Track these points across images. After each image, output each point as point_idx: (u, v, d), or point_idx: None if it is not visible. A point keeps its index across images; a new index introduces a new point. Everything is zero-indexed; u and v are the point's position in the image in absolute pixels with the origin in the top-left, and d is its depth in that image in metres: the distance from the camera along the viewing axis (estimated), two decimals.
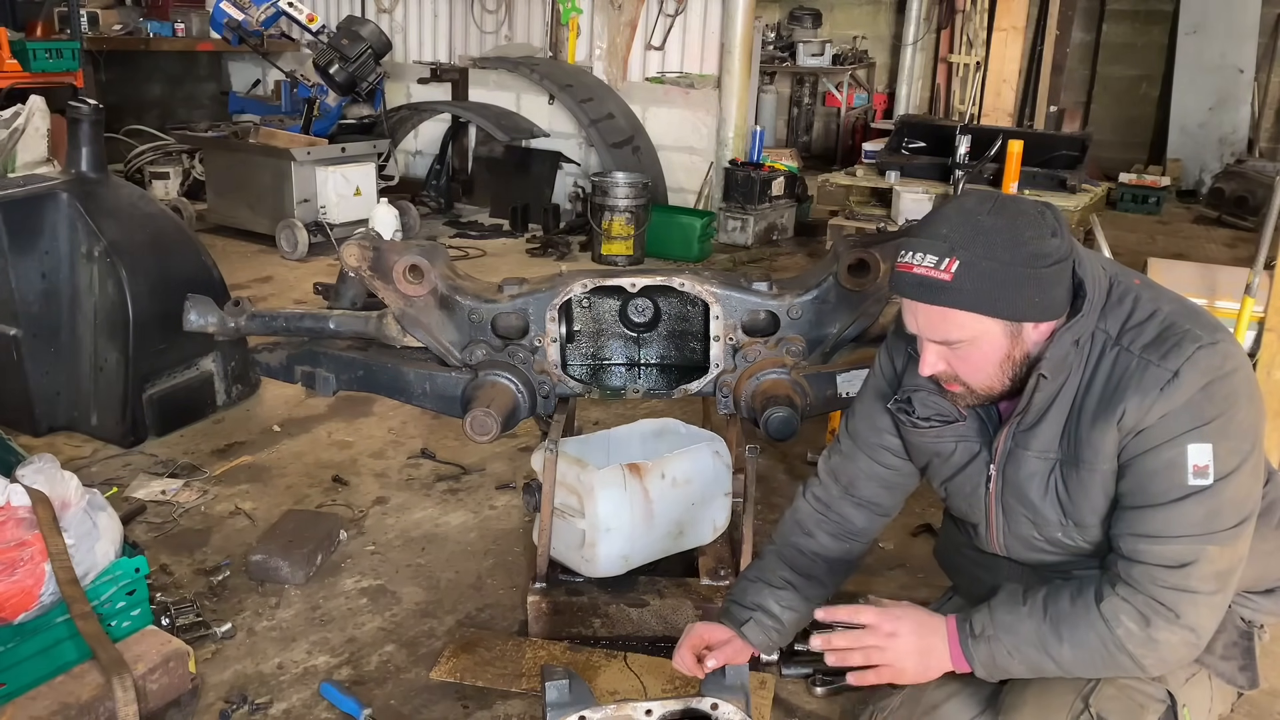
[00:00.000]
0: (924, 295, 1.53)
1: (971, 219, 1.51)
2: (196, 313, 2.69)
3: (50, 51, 6.74)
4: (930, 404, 1.74)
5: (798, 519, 1.97)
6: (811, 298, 2.52)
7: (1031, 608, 1.61)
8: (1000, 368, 1.58)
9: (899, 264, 1.54)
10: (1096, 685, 1.63)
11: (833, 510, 1.94)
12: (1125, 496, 1.56)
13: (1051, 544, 1.69)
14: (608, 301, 2.74)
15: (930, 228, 1.54)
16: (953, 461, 1.76)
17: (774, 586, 1.88)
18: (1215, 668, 1.68)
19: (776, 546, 1.96)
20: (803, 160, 9.02)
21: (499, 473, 3.54)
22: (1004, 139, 6.16)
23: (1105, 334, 1.56)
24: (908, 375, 1.79)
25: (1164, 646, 1.52)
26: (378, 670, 2.47)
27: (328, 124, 6.82)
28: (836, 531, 1.94)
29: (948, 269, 1.49)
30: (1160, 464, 1.50)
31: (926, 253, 1.51)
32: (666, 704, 1.64)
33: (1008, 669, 1.63)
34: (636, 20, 7.74)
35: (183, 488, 3.31)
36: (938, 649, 1.67)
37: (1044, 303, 1.52)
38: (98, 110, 3.74)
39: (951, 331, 1.55)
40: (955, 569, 1.99)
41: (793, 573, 1.90)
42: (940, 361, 1.60)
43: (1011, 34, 8.74)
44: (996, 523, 1.74)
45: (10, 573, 2.06)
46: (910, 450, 1.85)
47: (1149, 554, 1.52)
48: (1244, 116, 9.61)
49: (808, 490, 1.98)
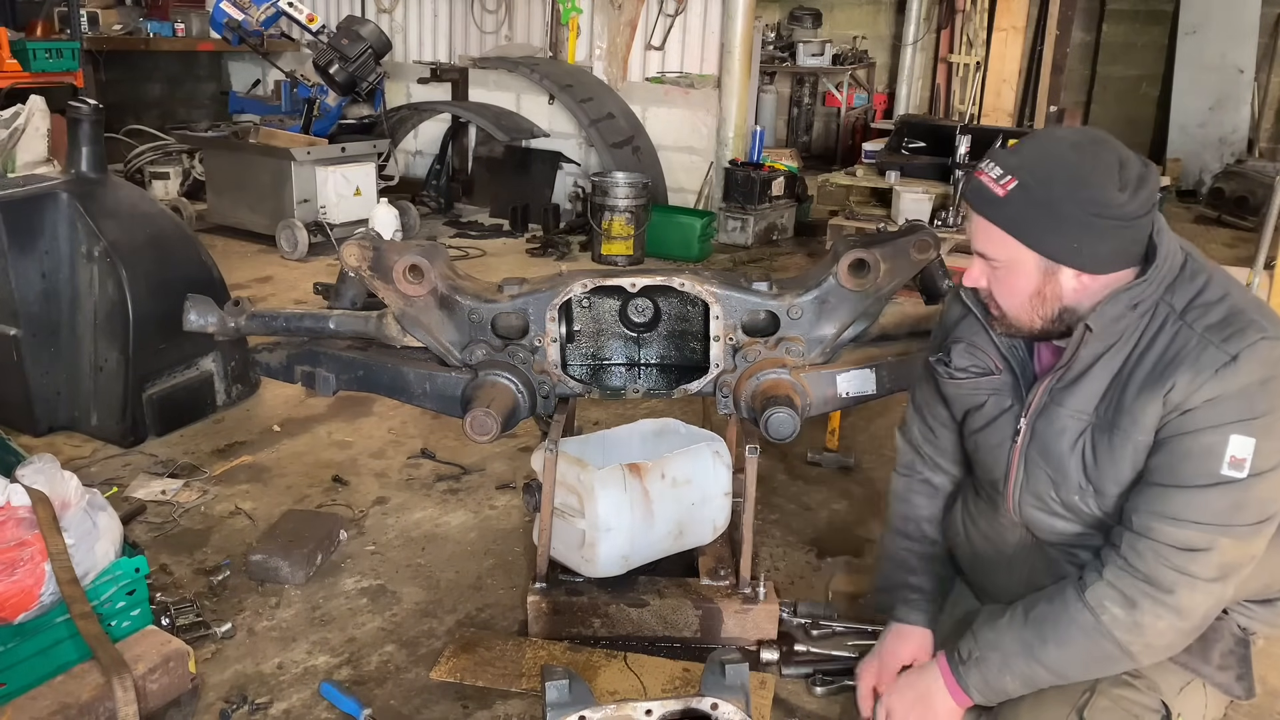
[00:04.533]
0: (977, 203, 1.56)
1: (1052, 147, 1.51)
2: (196, 313, 2.69)
3: (50, 51, 6.74)
4: (967, 355, 1.76)
5: (894, 490, 2.05)
6: (811, 298, 2.52)
7: (1011, 618, 1.62)
8: (1030, 302, 1.58)
9: (977, 168, 1.58)
10: (1090, 697, 1.62)
11: (916, 474, 2.01)
12: (1152, 472, 1.53)
13: (1066, 507, 1.67)
14: (608, 301, 2.74)
15: (1018, 144, 1.55)
16: (983, 413, 1.77)
17: (908, 568, 1.96)
18: (1212, 677, 1.66)
19: (892, 526, 2.04)
20: (803, 160, 9.02)
21: (499, 473, 3.54)
22: (1004, 139, 6.16)
23: (1170, 307, 1.53)
24: (958, 328, 1.82)
25: (1150, 631, 1.52)
26: (378, 670, 2.47)
27: (328, 124, 6.82)
28: (927, 492, 2.00)
29: (1005, 186, 1.51)
30: (1198, 447, 1.48)
31: (997, 164, 1.53)
32: (666, 704, 1.64)
33: (1003, 688, 1.63)
34: (636, 20, 7.74)
35: (183, 488, 3.31)
36: (934, 690, 1.69)
37: (1085, 252, 1.51)
38: (98, 110, 3.74)
39: (989, 247, 1.57)
40: (964, 548, 1.97)
41: (913, 542, 1.98)
42: (982, 277, 1.63)
43: (1011, 34, 8.74)
44: (1016, 478, 1.72)
45: (10, 573, 2.06)
46: (951, 407, 1.87)
47: (1161, 533, 1.50)
48: (1244, 116, 9.61)
49: (897, 462, 2.06)
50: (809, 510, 3.35)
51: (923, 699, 1.70)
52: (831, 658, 2.52)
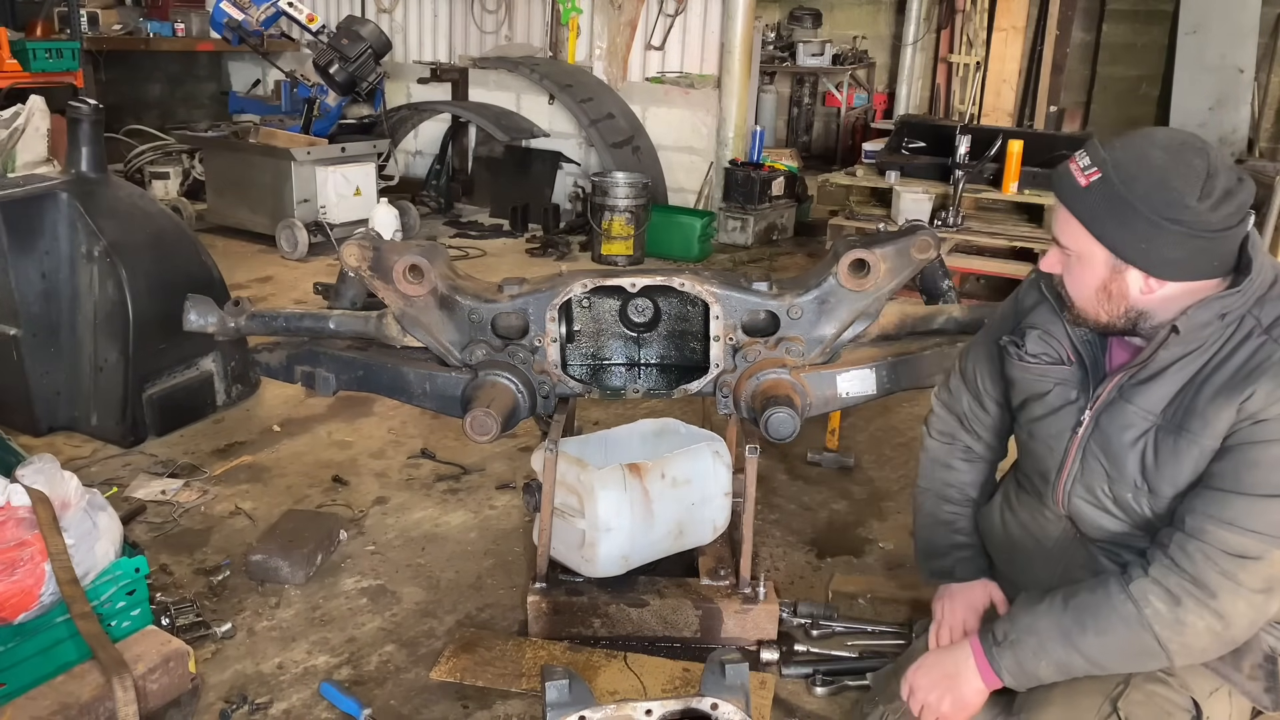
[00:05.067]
0: (1060, 189, 1.58)
1: (1144, 146, 1.52)
2: (196, 313, 2.69)
3: (50, 51, 6.73)
4: (1041, 342, 1.77)
5: (933, 456, 2.06)
6: (811, 298, 2.52)
7: (1050, 604, 1.62)
8: (1096, 296, 1.60)
9: (1070, 156, 1.59)
10: (1125, 689, 1.63)
11: (957, 440, 2.03)
12: (1214, 477, 1.54)
13: (1117, 503, 1.67)
14: (608, 301, 2.74)
15: (1116, 139, 1.56)
16: (1046, 401, 1.77)
17: (956, 528, 2.00)
18: (1241, 685, 1.67)
19: (926, 489, 2.06)
20: (803, 160, 9.02)
21: (499, 473, 3.54)
22: (1004, 139, 6.16)
23: (1256, 320, 1.54)
24: (1032, 314, 1.82)
25: (1190, 631, 1.52)
26: (378, 670, 2.47)
27: (328, 124, 6.82)
28: (968, 456, 2.03)
29: (1089, 176, 1.53)
30: (1267, 458, 1.49)
31: (1087, 155, 1.55)
32: (666, 704, 1.64)
33: (1036, 673, 1.63)
34: (636, 20, 7.74)
35: (183, 488, 3.31)
36: (963, 671, 1.68)
37: (1153, 255, 1.52)
38: (98, 110, 3.73)
39: (1065, 236, 1.59)
40: (1000, 538, 1.96)
41: (957, 506, 2.01)
42: (1057, 264, 1.65)
43: (1011, 34, 8.74)
44: (1070, 470, 1.72)
45: (10, 573, 2.06)
46: (1011, 389, 1.87)
47: (1214, 536, 1.51)
48: (1244, 116, 9.60)
49: (930, 427, 2.07)
50: (809, 510, 3.35)
51: (950, 678, 1.69)
52: (831, 658, 2.52)
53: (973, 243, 5.96)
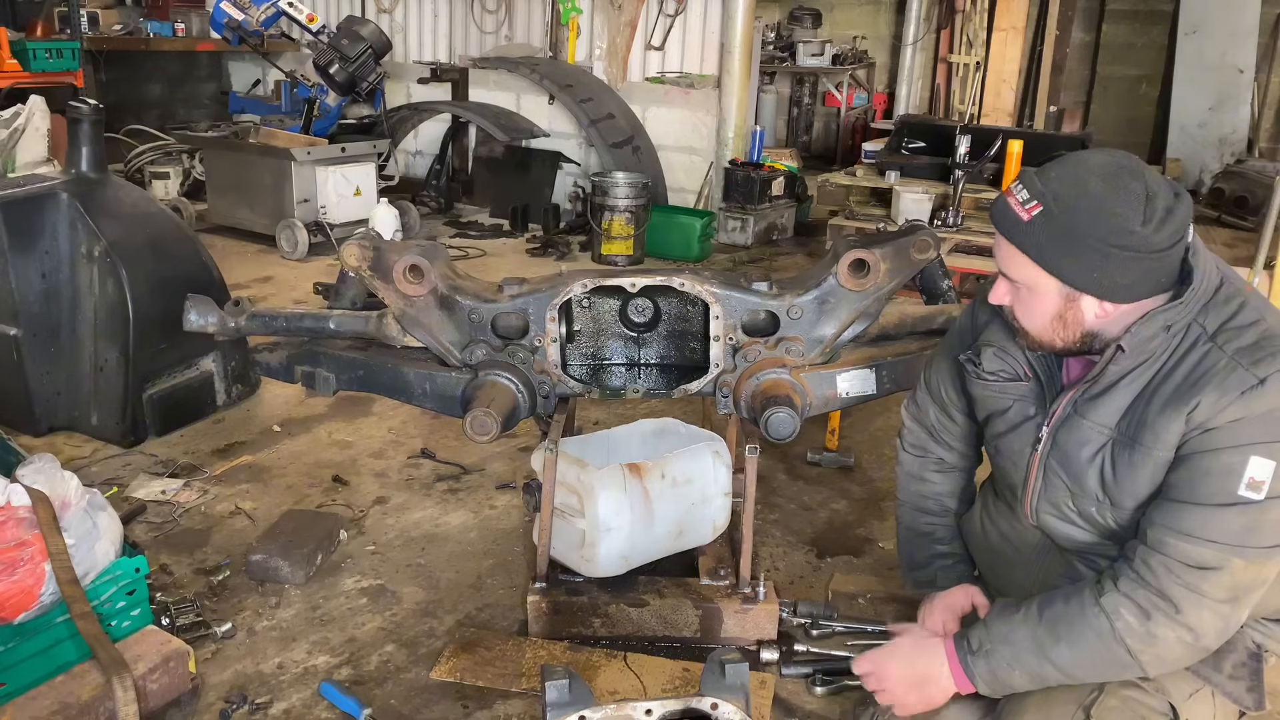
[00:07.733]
0: (1001, 225, 1.58)
1: (1081, 175, 1.51)
2: (196, 313, 2.69)
3: (50, 51, 6.74)
4: (997, 359, 1.78)
5: (907, 470, 2.08)
6: (811, 298, 2.52)
7: (1026, 614, 1.62)
8: (1051, 324, 1.60)
9: (1007, 189, 1.59)
10: (1099, 696, 1.62)
11: (929, 452, 2.05)
12: (1170, 488, 1.54)
13: (1082, 517, 1.68)
14: (608, 301, 2.74)
15: (1048, 166, 1.56)
16: (1007, 418, 1.78)
17: (936, 539, 2.02)
18: (1223, 686, 1.66)
19: (904, 503, 2.08)
20: (803, 160, 9.02)
21: (499, 473, 3.54)
22: (1004, 139, 6.16)
23: (1201, 329, 1.54)
24: (987, 331, 1.83)
25: (1161, 643, 1.52)
26: (378, 670, 2.47)
27: (328, 124, 6.82)
28: (940, 467, 2.04)
29: (1030, 210, 1.52)
30: (1217, 466, 1.48)
31: (1025, 188, 1.55)
32: (666, 704, 1.64)
33: (1010, 682, 1.63)
34: (636, 20, 7.74)
35: (183, 488, 3.31)
36: (935, 673, 1.69)
37: (1105, 282, 1.51)
38: (98, 110, 3.73)
39: (1012, 269, 1.59)
40: (981, 544, 1.99)
41: (935, 517, 2.03)
42: (1006, 295, 1.65)
43: (1011, 34, 8.74)
44: (1034, 486, 1.73)
45: (10, 573, 2.06)
46: (974, 405, 1.89)
47: (1174, 549, 1.51)
48: (1244, 116, 9.60)
49: (903, 441, 2.09)
50: (809, 510, 3.36)
51: (924, 680, 1.70)
52: (831, 658, 2.51)
53: (973, 243, 5.96)
